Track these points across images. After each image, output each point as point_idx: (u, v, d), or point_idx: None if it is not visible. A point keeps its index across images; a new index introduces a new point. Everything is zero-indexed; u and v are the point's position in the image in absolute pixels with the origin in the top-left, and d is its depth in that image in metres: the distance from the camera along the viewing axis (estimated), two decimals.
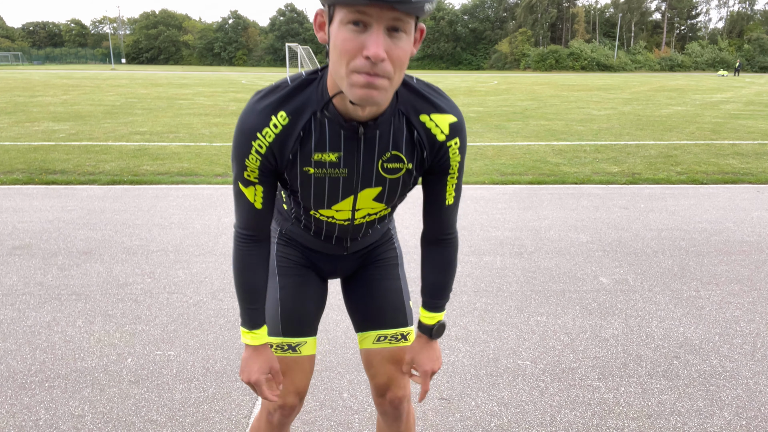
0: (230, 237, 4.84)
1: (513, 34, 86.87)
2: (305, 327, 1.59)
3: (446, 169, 1.36)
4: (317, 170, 1.30)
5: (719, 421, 2.45)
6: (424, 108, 1.28)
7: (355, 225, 1.49)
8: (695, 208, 5.93)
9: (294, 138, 1.25)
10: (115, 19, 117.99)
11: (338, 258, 1.64)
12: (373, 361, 1.63)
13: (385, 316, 1.63)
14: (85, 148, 9.22)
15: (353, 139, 1.27)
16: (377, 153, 1.30)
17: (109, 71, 54.55)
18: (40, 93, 21.60)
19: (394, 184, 1.36)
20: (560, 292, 3.79)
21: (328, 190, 1.34)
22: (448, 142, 1.31)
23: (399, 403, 1.63)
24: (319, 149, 1.27)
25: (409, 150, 1.31)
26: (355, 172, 1.31)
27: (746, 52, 79.41)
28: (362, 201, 1.39)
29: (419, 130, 1.29)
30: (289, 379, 1.56)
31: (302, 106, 1.24)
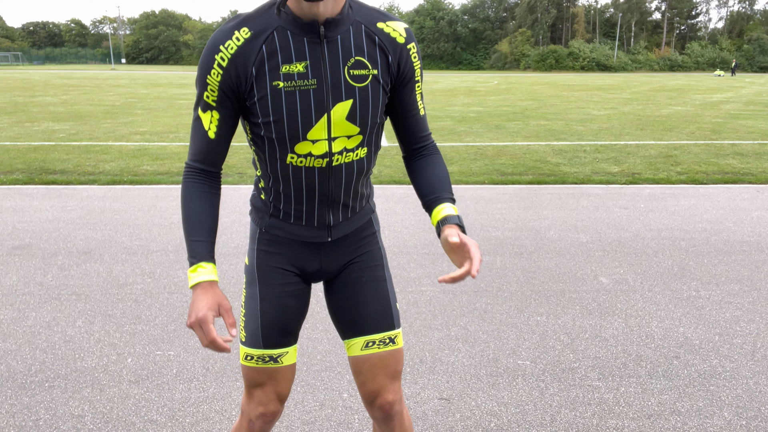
0: (230, 237, 4.84)
1: (513, 34, 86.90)
2: (286, 338, 1.56)
3: (412, 75, 1.43)
4: (287, 83, 1.31)
5: (719, 421, 2.45)
6: (378, 17, 1.37)
7: (333, 167, 1.41)
8: (695, 208, 5.93)
9: (256, 52, 1.29)
10: (115, 19, 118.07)
11: (322, 248, 1.55)
12: (362, 369, 1.56)
13: (372, 320, 1.56)
14: (85, 148, 9.22)
15: (316, 44, 1.31)
16: (341, 58, 1.33)
17: (109, 71, 54.56)
18: (40, 93, 21.61)
19: (364, 94, 1.36)
20: (560, 292, 3.79)
21: (300, 108, 1.32)
22: (407, 44, 1.39)
23: (390, 407, 1.58)
24: (286, 61, 1.30)
25: (372, 55, 1.36)
26: (324, 81, 1.33)
27: (746, 52, 79.40)
28: (336, 123, 1.36)
29: (379, 35, 1.36)
30: (270, 387, 1.55)
31: (265, 24, 1.30)
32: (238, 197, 6.24)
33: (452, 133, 11.54)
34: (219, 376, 2.76)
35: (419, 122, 1.51)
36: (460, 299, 3.65)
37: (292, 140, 1.36)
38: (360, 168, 1.47)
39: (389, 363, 1.57)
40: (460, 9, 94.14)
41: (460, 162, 8.30)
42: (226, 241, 4.73)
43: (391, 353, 1.56)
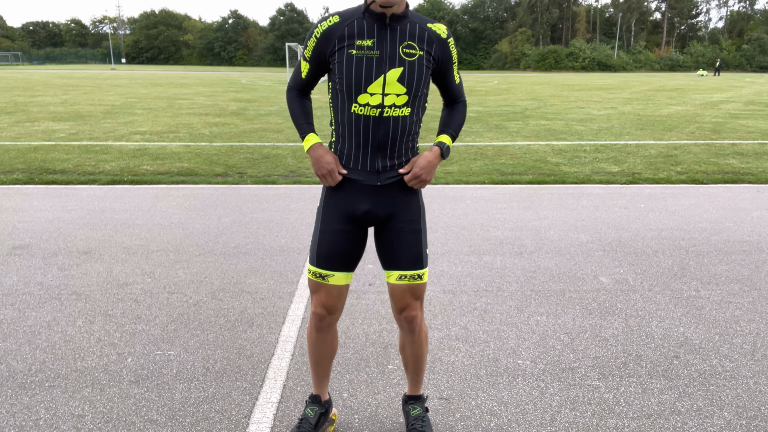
0: (230, 237, 4.85)
1: (513, 34, 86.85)
2: (335, 262, 2.09)
3: (451, 57, 2.06)
4: (358, 52, 1.93)
5: (719, 421, 2.45)
6: (428, 20, 2.02)
7: (383, 118, 1.97)
8: (695, 207, 5.93)
9: (339, 31, 1.94)
10: (115, 18, 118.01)
11: (372, 192, 2.06)
12: (395, 292, 2.13)
13: (406, 261, 2.10)
14: (85, 148, 9.22)
15: (383, 29, 1.94)
16: (398, 41, 1.95)
17: (109, 71, 54.55)
18: (40, 93, 21.61)
19: (411, 65, 1.95)
20: (560, 291, 3.79)
21: (365, 70, 1.93)
22: (448, 39, 2.03)
23: (412, 319, 2.15)
24: (360, 37, 1.93)
25: (420, 42, 1.97)
26: (384, 53, 1.93)
27: (746, 51, 79.36)
28: (390, 84, 1.94)
29: (428, 31, 2.00)
30: (318, 296, 2.13)
31: (350, 14, 1.96)
32: (238, 197, 6.24)
33: None
34: (219, 376, 2.76)
35: (456, 88, 2.17)
36: (460, 299, 3.65)
37: (356, 90, 1.95)
38: (404, 124, 2.02)
39: (415, 291, 2.13)
40: (460, 9, 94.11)
41: (460, 162, 8.30)
42: (226, 241, 4.73)
43: (417, 285, 2.13)
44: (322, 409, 2.32)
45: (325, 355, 2.28)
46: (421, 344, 2.24)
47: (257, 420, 2.44)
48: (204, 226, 5.14)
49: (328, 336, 2.23)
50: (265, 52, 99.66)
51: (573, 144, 10.06)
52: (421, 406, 2.32)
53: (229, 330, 3.22)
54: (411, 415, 2.30)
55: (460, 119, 2.17)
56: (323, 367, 2.31)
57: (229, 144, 9.80)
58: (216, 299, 3.63)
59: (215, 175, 7.32)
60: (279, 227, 5.14)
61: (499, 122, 13.39)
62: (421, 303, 2.17)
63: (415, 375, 2.31)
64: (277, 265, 4.21)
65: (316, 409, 2.30)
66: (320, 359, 2.28)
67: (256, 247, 4.60)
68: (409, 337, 2.21)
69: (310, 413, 2.28)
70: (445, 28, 2.03)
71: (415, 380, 2.33)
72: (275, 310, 3.48)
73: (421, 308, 2.17)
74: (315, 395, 2.35)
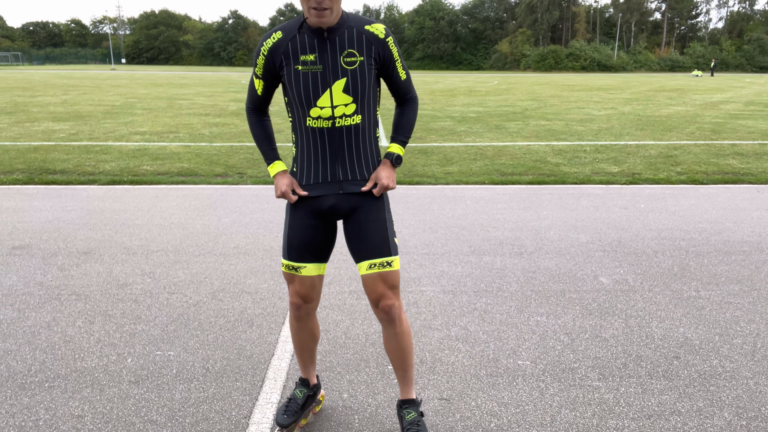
0: (230, 237, 4.85)
1: (513, 34, 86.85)
2: (304, 254, 2.18)
3: (392, 56, 2.10)
4: (303, 67, 2.02)
5: (719, 422, 2.45)
6: (365, 22, 2.06)
7: (336, 128, 2.06)
8: (695, 208, 5.93)
9: (283, 47, 2.03)
10: (115, 19, 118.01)
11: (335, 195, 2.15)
12: (367, 283, 2.15)
13: (373, 248, 2.14)
14: (85, 148, 9.22)
15: (323, 43, 2.01)
16: (338, 51, 2.02)
17: (109, 71, 54.55)
18: (40, 93, 21.61)
19: (353, 74, 2.03)
20: (560, 292, 3.79)
21: (312, 85, 2.02)
22: (386, 38, 2.07)
23: (389, 309, 2.15)
24: (303, 53, 2.02)
25: (360, 47, 2.03)
26: (327, 66, 2.02)
27: (746, 52, 79.36)
28: (336, 95, 2.03)
29: (366, 34, 2.04)
30: (294, 287, 2.22)
31: (291, 29, 2.04)
32: (238, 197, 6.24)
33: (452, 133, 11.54)
34: (219, 377, 2.76)
35: (403, 85, 2.20)
36: (460, 299, 3.65)
37: (307, 105, 2.04)
38: (357, 131, 2.10)
39: (386, 279, 2.14)
40: (460, 9, 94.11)
41: (460, 162, 8.30)
42: (225, 241, 4.73)
43: (388, 273, 2.14)
44: (310, 392, 2.44)
45: (307, 343, 2.37)
46: (403, 336, 2.22)
47: (257, 420, 2.44)
48: (204, 227, 5.14)
49: (308, 324, 2.32)
50: None
51: (573, 144, 10.06)
52: (416, 410, 2.29)
53: (229, 330, 3.22)
54: (406, 419, 2.27)
55: (409, 120, 2.23)
56: (307, 353, 2.41)
57: (229, 144, 9.80)
58: (216, 299, 3.63)
59: (215, 176, 7.32)
60: (279, 227, 5.14)
61: (499, 122, 13.39)
62: (396, 293, 2.16)
63: (404, 374, 2.30)
64: (276, 266, 4.21)
65: (304, 391, 2.42)
66: (303, 347, 2.38)
67: (256, 248, 4.59)
68: (391, 329, 2.20)
69: (298, 394, 2.40)
70: (383, 28, 2.07)
71: (405, 380, 2.31)
72: (275, 311, 3.48)
73: (397, 298, 2.16)
74: (304, 379, 2.45)
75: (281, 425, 2.30)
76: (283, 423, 2.30)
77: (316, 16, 1.93)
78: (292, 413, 2.33)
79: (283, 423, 2.30)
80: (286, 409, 2.34)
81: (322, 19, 1.93)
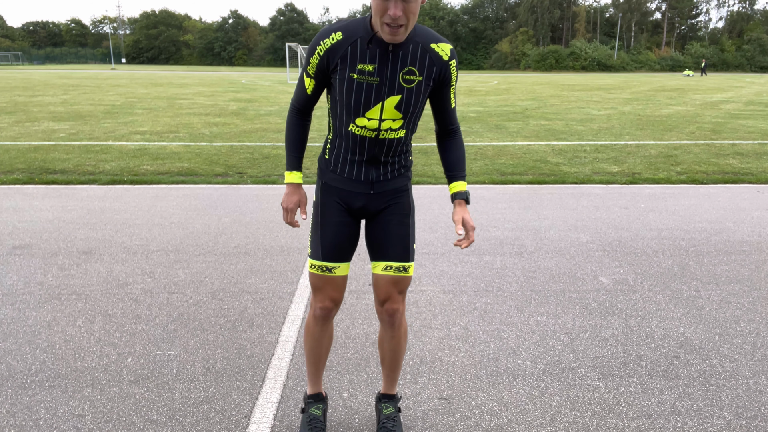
0: (230, 237, 4.85)
1: (513, 34, 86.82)
2: (339, 255, 2.14)
3: (449, 80, 2.02)
4: (359, 76, 1.91)
5: (719, 421, 2.45)
6: (432, 39, 1.96)
7: (379, 139, 2.01)
8: (695, 207, 5.93)
9: (342, 50, 1.90)
10: (116, 18, 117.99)
11: (366, 196, 2.12)
12: (379, 282, 2.15)
13: (393, 252, 2.13)
14: (85, 147, 9.22)
15: (385, 55, 1.90)
16: (399, 67, 1.92)
17: (109, 71, 54.55)
18: (40, 93, 21.61)
19: (409, 92, 1.95)
20: (560, 291, 3.79)
21: (364, 96, 1.93)
22: (450, 61, 1.99)
23: (394, 312, 2.17)
24: (362, 61, 1.90)
25: (421, 67, 1.94)
26: (384, 80, 1.92)
27: (746, 52, 79.33)
28: (387, 110, 1.96)
29: (430, 53, 1.95)
30: (325, 291, 2.16)
31: (353, 31, 1.90)
32: (237, 197, 6.24)
33: None
34: (219, 376, 2.76)
35: (450, 113, 2.13)
36: (460, 299, 3.65)
37: (354, 113, 1.96)
38: (398, 142, 2.06)
39: (399, 282, 2.15)
40: (460, 9, 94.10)
41: None
42: (226, 241, 4.73)
43: (402, 278, 2.15)
44: (325, 405, 2.40)
45: (326, 348, 2.32)
46: (399, 340, 2.24)
47: (257, 420, 2.44)
48: (204, 226, 5.14)
49: (329, 328, 2.27)
50: (265, 52, 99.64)
51: (573, 144, 10.06)
52: (394, 406, 2.35)
53: (229, 330, 3.22)
54: (383, 413, 2.32)
55: (463, 156, 2.18)
56: (323, 360, 2.35)
57: (229, 144, 9.80)
58: (216, 299, 3.63)
59: (215, 175, 7.32)
60: (279, 227, 5.14)
61: (499, 122, 13.39)
62: (403, 298, 2.17)
63: (390, 372, 2.32)
64: (277, 265, 4.21)
65: (320, 406, 2.37)
66: (321, 353, 2.31)
67: (256, 247, 4.60)
68: (389, 332, 2.22)
69: (316, 412, 2.34)
70: (449, 49, 1.98)
71: (391, 377, 2.34)
72: (275, 310, 3.48)
73: (403, 303, 2.18)
74: (315, 393, 2.39)
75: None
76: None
77: (390, 33, 1.81)
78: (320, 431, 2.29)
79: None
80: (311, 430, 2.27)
81: (395, 36, 1.82)
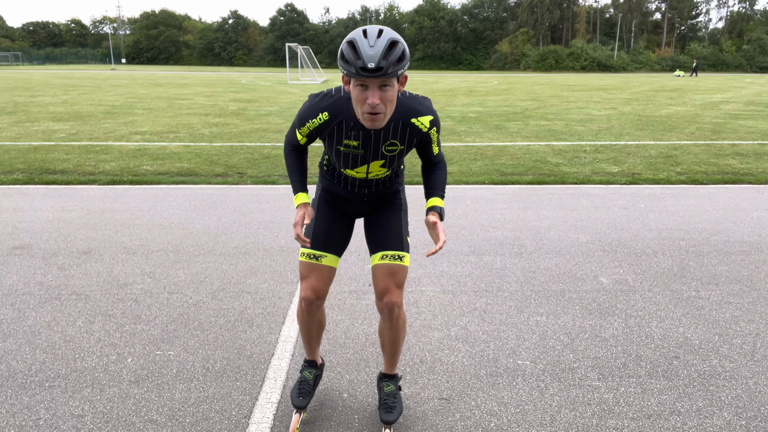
0: (230, 237, 4.85)
1: (513, 34, 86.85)
2: (327, 245, 2.33)
3: (430, 143, 2.25)
4: (345, 149, 2.16)
5: (719, 421, 2.45)
6: (412, 114, 2.12)
7: (368, 179, 2.29)
8: (695, 208, 5.94)
9: (329, 128, 2.13)
10: (116, 19, 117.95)
11: (360, 203, 2.39)
12: (377, 273, 2.30)
13: (388, 241, 2.32)
14: (85, 148, 9.23)
15: (368, 134, 2.11)
16: (381, 141, 2.14)
17: (109, 71, 54.55)
18: (40, 93, 21.61)
19: (392, 157, 2.21)
20: (560, 292, 3.79)
21: (351, 160, 2.20)
22: (429, 131, 2.18)
23: (392, 306, 2.27)
24: (347, 137, 2.13)
25: (402, 139, 2.15)
26: (368, 152, 2.16)
27: (746, 52, 79.34)
28: (372, 167, 2.23)
29: (411, 127, 2.14)
30: (309, 280, 2.31)
31: (337, 111, 2.10)
32: (237, 197, 6.24)
33: (452, 133, 11.54)
34: (219, 376, 2.76)
35: (435, 158, 2.34)
36: (460, 299, 3.66)
37: (344, 167, 2.25)
38: (386, 178, 2.35)
39: (395, 272, 2.28)
40: (460, 9, 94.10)
41: (460, 162, 8.31)
42: (226, 242, 4.73)
43: (398, 266, 2.29)
44: (318, 371, 2.59)
45: (315, 332, 2.48)
46: (398, 330, 2.37)
47: (257, 420, 2.44)
48: (204, 227, 5.14)
49: (317, 316, 2.42)
50: (265, 53, 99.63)
51: (573, 144, 10.06)
52: (395, 384, 2.48)
53: (229, 330, 3.22)
54: (384, 391, 2.46)
55: (443, 177, 2.36)
56: (314, 340, 2.53)
57: (229, 144, 9.80)
58: (216, 299, 3.63)
59: (215, 176, 7.32)
60: (279, 227, 5.14)
61: (499, 122, 13.39)
62: (401, 292, 2.30)
63: (390, 356, 2.46)
64: (277, 266, 4.21)
65: (313, 371, 2.56)
66: (311, 335, 2.49)
67: (256, 248, 4.60)
68: (388, 323, 2.34)
69: (308, 375, 2.52)
70: (428, 121, 2.13)
71: (391, 361, 2.48)
72: (275, 311, 3.48)
73: (400, 297, 2.30)
74: (311, 360, 2.58)
75: (299, 407, 2.40)
76: (300, 405, 2.40)
77: (370, 120, 1.96)
78: (306, 394, 2.44)
79: (301, 405, 2.40)
80: (300, 391, 2.44)
81: (375, 123, 1.97)
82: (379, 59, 1.83)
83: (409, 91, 2.40)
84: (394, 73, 1.87)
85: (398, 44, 1.88)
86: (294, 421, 2.38)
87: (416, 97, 2.15)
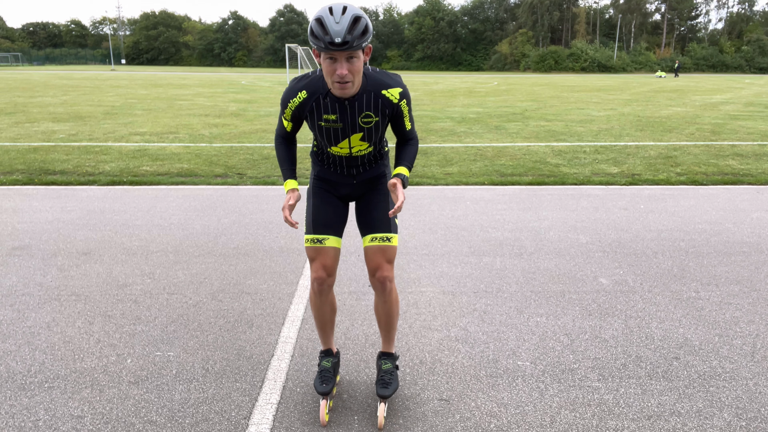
0: (230, 238, 4.85)
1: (513, 35, 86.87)
2: (327, 228, 2.49)
3: (401, 115, 2.39)
4: (326, 123, 2.33)
5: (719, 422, 2.45)
6: (382, 86, 2.31)
7: (353, 156, 2.45)
8: (695, 209, 5.94)
9: (308, 106, 2.32)
10: (115, 19, 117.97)
11: (350, 185, 2.55)
12: (368, 253, 2.48)
13: (376, 224, 2.49)
14: (84, 148, 9.22)
15: (344, 106, 2.29)
16: (357, 113, 2.31)
17: (109, 72, 54.55)
18: (40, 93, 21.61)
19: (369, 129, 2.36)
20: (560, 292, 3.79)
21: (332, 135, 2.36)
22: (399, 102, 2.34)
23: (384, 280, 2.46)
24: (326, 112, 2.31)
25: (375, 110, 2.32)
26: (347, 124, 2.33)
27: (745, 53, 79.38)
28: (353, 142, 2.39)
29: (382, 98, 2.31)
30: (318, 261, 2.46)
31: (314, 89, 2.30)
32: (237, 198, 6.24)
33: (452, 134, 11.54)
34: (219, 377, 2.76)
35: (407, 133, 2.49)
36: (460, 300, 3.65)
37: (328, 144, 2.42)
38: (369, 154, 2.50)
39: (385, 251, 2.47)
40: (459, 10, 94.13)
41: (459, 163, 8.31)
42: (225, 242, 4.73)
43: (387, 247, 2.48)
44: (335, 359, 2.66)
45: (328, 315, 2.60)
46: (391, 304, 2.54)
47: (257, 421, 2.44)
48: (204, 227, 5.14)
49: (328, 298, 2.55)
50: (265, 53, 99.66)
51: (573, 145, 10.06)
52: (392, 363, 2.61)
53: (229, 331, 3.22)
54: (382, 368, 2.59)
55: (413, 152, 2.51)
56: (329, 325, 2.64)
57: (229, 145, 9.80)
58: (216, 300, 3.62)
59: (215, 176, 7.32)
60: (279, 228, 5.14)
61: (499, 123, 13.40)
62: (391, 267, 2.48)
63: (387, 333, 2.62)
64: (276, 266, 4.21)
65: (331, 359, 2.64)
66: (325, 320, 2.60)
67: (256, 248, 4.59)
68: (382, 298, 2.52)
69: (327, 364, 2.60)
70: (398, 92, 2.32)
71: (387, 338, 2.64)
72: (275, 311, 3.48)
73: (391, 271, 2.48)
74: (327, 350, 2.67)
75: (324, 393, 2.47)
76: (324, 391, 2.47)
77: (339, 89, 2.16)
78: (328, 380, 2.52)
79: (325, 391, 2.47)
80: (322, 379, 2.52)
81: (344, 91, 2.17)
82: (344, 34, 2.02)
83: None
84: (359, 46, 2.06)
85: (361, 19, 2.06)
86: (322, 408, 2.45)
87: (386, 73, 2.35)
